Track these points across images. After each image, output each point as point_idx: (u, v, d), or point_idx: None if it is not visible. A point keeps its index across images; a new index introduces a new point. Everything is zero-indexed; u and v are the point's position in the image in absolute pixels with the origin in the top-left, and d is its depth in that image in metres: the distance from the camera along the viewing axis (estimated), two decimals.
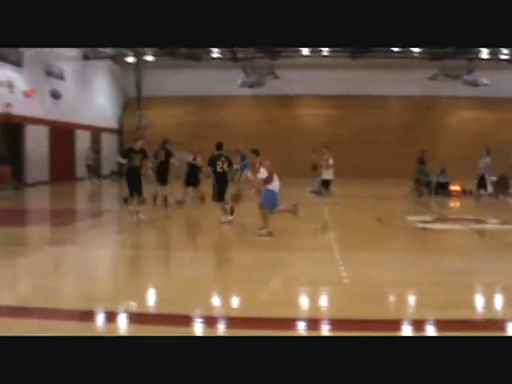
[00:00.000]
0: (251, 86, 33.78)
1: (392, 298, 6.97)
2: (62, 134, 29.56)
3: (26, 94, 26.56)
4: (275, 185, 11.30)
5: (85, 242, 11.28)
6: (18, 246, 10.70)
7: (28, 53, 26.71)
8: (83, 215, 16.45)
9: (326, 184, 18.31)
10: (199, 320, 5.84)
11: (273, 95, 35.72)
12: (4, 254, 9.65)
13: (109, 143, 36.70)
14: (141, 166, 13.41)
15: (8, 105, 24.53)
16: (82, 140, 32.30)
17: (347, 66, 33.98)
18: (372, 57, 32.45)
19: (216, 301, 6.86)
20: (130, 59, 35.90)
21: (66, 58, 31.18)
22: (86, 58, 33.55)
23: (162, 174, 15.98)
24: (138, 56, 35.25)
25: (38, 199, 22.16)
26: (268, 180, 11.21)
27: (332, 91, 35.01)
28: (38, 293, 6.99)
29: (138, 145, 13.49)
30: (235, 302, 6.93)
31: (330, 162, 18.14)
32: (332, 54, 32.84)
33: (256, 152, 12.15)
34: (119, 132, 38.60)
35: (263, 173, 11.23)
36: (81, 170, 30.89)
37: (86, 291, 7.08)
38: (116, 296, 6.90)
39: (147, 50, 34.18)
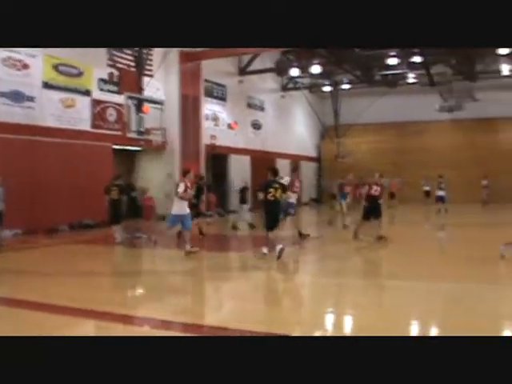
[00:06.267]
0: (450, 110, 32.28)
1: None
2: (263, 163, 30.84)
3: (230, 126, 28.36)
4: None
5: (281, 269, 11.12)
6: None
7: (231, 88, 28.55)
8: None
9: None
10: None
11: (473, 119, 33.67)
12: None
13: (308, 171, 37.57)
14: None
15: (213, 137, 26.41)
16: (283, 168, 33.32)
17: None
18: None
19: None
20: (327, 88, 36.62)
21: (266, 90, 32.76)
22: (284, 89, 34.94)
23: None
24: (334, 85, 35.84)
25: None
26: None
27: None
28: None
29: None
30: None
31: None
32: None
33: None
34: (317, 160, 39.39)
35: None
36: None
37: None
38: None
39: (343, 78, 34.61)
